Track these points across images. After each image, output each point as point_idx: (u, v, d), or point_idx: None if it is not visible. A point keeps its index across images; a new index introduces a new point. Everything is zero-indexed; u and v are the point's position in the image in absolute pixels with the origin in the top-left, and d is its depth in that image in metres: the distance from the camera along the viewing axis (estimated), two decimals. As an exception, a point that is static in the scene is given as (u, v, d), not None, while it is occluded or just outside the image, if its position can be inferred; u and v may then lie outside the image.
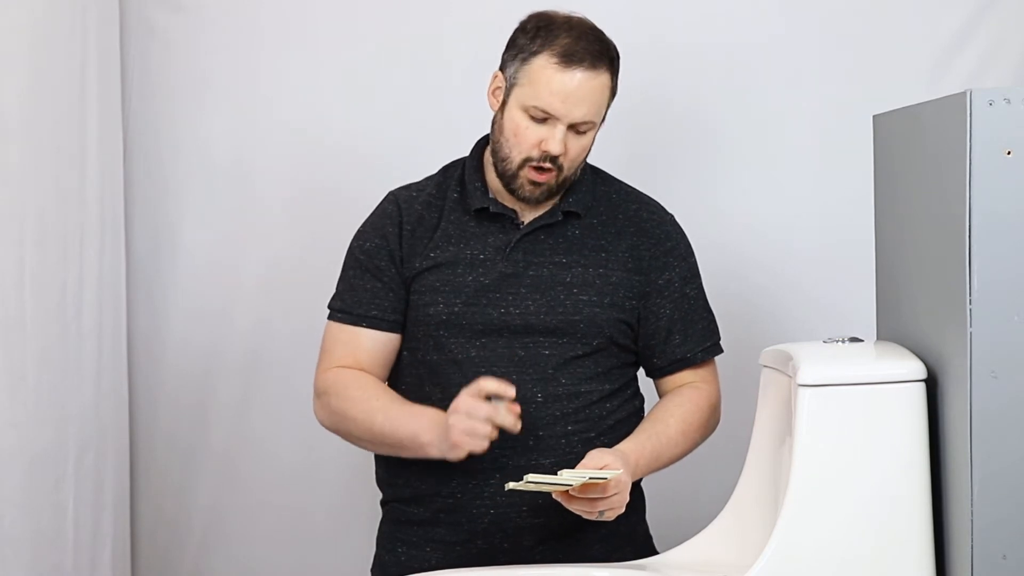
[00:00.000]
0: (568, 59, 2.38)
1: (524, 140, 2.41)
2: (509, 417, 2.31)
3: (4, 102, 2.56)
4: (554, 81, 2.38)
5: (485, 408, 2.31)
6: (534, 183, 2.43)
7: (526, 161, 2.42)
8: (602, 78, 2.41)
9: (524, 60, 2.42)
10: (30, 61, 2.65)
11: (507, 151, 2.43)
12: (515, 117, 2.42)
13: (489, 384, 2.32)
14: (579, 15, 2.44)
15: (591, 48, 2.40)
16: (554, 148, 2.40)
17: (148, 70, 3.10)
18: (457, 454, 2.34)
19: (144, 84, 3.10)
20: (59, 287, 2.77)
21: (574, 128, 2.41)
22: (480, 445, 2.32)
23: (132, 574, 3.12)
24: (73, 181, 2.83)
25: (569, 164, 2.43)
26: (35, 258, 2.67)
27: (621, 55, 2.47)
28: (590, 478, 2.23)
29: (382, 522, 2.57)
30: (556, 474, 2.24)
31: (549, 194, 2.45)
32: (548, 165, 2.41)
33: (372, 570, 2.57)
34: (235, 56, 3.11)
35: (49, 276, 2.73)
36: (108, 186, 2.98)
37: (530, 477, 2.21)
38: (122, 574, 3.05)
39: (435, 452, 2.37)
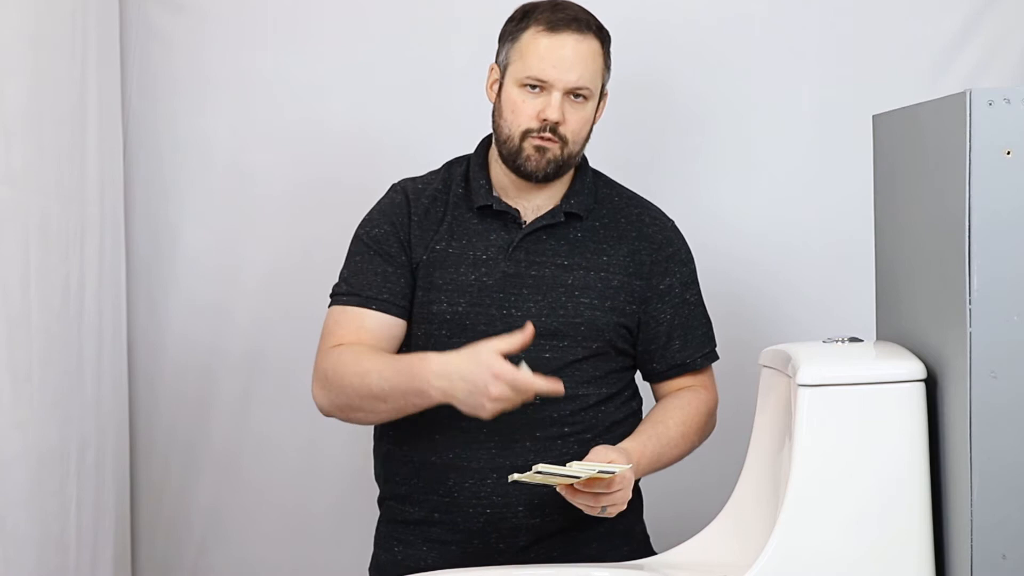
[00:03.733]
0: (555, 25, 2.41)
1: (522, 113, 2.42)
2: (548, 385, 2.25)
3: (5, 102, 2.55)
4: (543, 47, 2.41)
5: (531, 389, 2.24)
6: (539, 149, 2.42)
7: (527, 134, 2.42)
8: (591, 43, 2.43)
9: (513, 39, 2.45)
10: (30, 61, 2.65)
11: (507, 130, 2.44)
12: (512, 95, 2.43)
13: (508, 345, 2.26)
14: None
15: (578, 15, 2.43)
16: (552, 115, 2.40)
17: (148, 70, 3.10)
18: (486, 416, 2.27)
19: (144, 83, 3.10)
20: (61, 287, 2.76)
21: (571, 96, 2.42)
22: (512, 407, 2.28)
23: (132, 574, 3.12)
24: (73, 181, 2.83)
25: (572, 135, 2.43)
26: (38, 258, 2.66)
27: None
28: (599, 471, 2.22)
29: (379, 521, 2.57)
30: (565, 465, 2.24)
31: (557, 169, 2.44)
32: (549, 135, 2.41)
33: (370, 570, 2.57)
34: (236, 55, 3.10)
35: (51, 276, 2.72)
36: (108, 186, 2.97)
37: (539, 467, 2.20)
38: (123, 574, 3.05)
39: (440, 399, 2.30)
